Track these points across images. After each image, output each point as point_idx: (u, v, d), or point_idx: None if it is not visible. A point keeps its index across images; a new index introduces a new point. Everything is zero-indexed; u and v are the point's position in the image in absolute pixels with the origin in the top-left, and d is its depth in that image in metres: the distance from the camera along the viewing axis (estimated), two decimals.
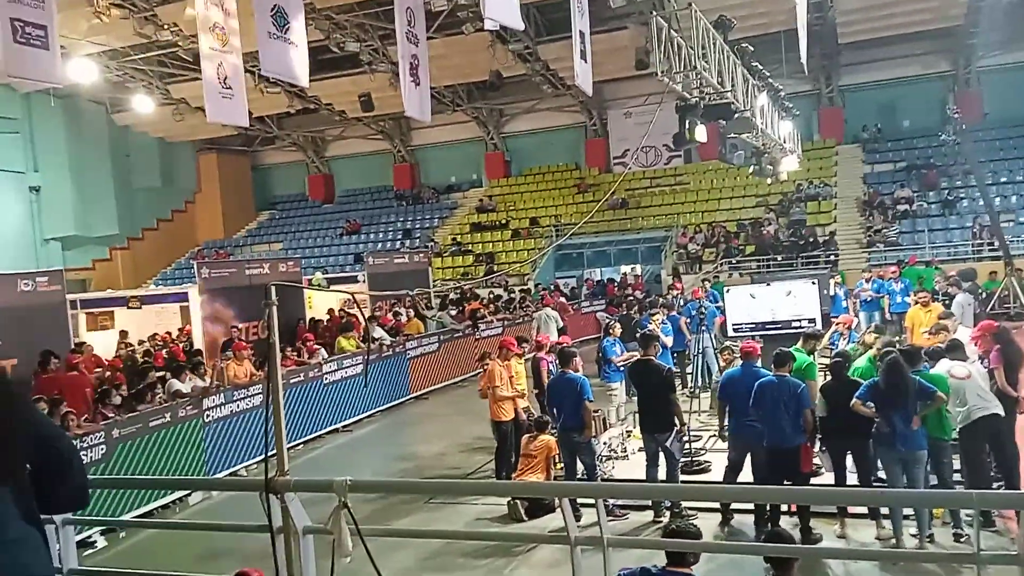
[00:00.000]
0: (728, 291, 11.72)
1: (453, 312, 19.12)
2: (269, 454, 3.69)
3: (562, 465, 8.76)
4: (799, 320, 10.52)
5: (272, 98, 26.51)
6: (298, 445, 12.46)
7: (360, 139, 36.58)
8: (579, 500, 6.93)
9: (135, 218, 34.61)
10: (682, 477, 8.49)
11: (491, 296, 22.77)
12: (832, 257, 23.91)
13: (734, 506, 7.78)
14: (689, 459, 9.06)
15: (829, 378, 7.68)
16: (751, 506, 7.63)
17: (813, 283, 11.07)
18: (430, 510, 8.91)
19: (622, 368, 10.68)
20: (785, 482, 7.22)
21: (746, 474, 7.76)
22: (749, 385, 7.61)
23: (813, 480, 7.67)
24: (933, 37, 27.60)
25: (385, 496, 9.02)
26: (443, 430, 12.81)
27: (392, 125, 35.69)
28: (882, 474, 7.31)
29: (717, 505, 7.85)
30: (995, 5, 24.18)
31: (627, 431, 10.16)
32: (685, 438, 8.88)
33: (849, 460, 7.44)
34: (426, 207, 35.87)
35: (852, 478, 7.42)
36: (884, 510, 7.07)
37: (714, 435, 9.74)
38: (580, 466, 8.51)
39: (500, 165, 35.80)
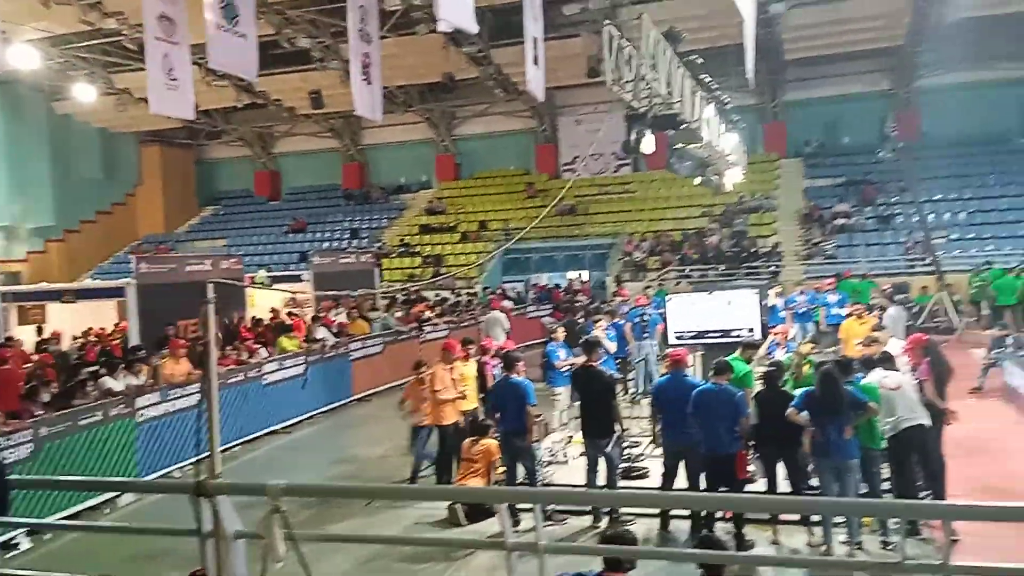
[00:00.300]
0: (670, 299, 11.85)
1: (399, 314, 18.99)
2: (201, 456, 3.62)
3: (503, 469, 8.76)
4: (739, 329, 10.71)
5: (219, 92, 26.00)
6: (236, 447, 12.23)
7: (309, 136, 36.13)
8: (519, 505, 6.95)
9: (73, 210, 33.54)
10: (621, 483, 8.58)
11: (437, 299, 22.68)
12: (773, 268, 24.42)
13: (671, 512, 7.88)
14: (628, 465, 9.15)
15: (763, 387, 7.84)
16: (688, 512, 7.74)
17: (754, 293, 11.28)
18: (369, 514, 8.82)
19: (566, 373, 10.74)
20: (721, 489, 7.36)
21: (683, 480, 7.87)
22: (678, 393, 7.74)
23: (747, 487, 7.84)
24: (875, 56, 28.51)
25: (324, 500, 8.91)
26: (385, 433, 12.68)
27: (342, 123, 35.34)
28: (814, 481, 7.49)
29: (655, 511, 7.95)
30: (936, 27, 25.06)
31: (569, 436, 10.22)
32: (625, 444, 8.98)
33: (782, 468, 7.61)
34: (375, 207, 35.58)
35: (785, 485, 7.59)
36: (815, 517, 7.25)
37: (653, 441, 9.85)
38: (521, 470, 8.52)
39: (450, 167, 35.73)
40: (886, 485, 7.58)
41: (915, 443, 7.36)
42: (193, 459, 10.82)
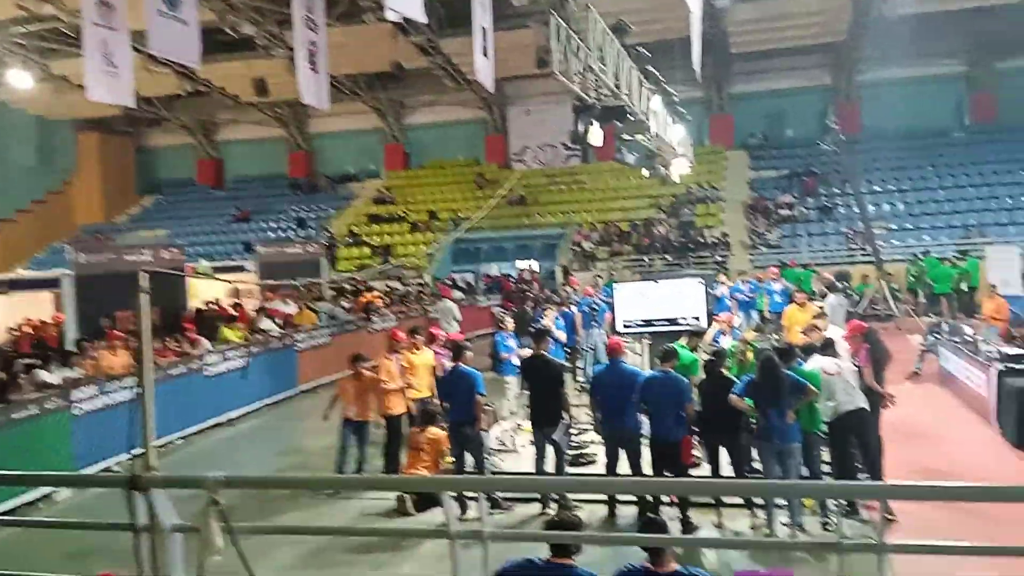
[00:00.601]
0: (618, 288, 11.94)
1: (346, 304, 18.80)
2: (136, 449, 3.52)
3: (452, 459, 8.75)
4: (685, 318, 10.84)
5: (161, 79, 25.37)
6: (178, 439, 11.98)
7: (254, 124, 35.48)
8: (468, 493, 6.94)
9: (6, 198, 32.43)
10: (569, 470, 8.65)
11: (387, 288, 22.53)
12: (719, 258, 24.81)
13: (618, 497, 7.97)
14: (576, 452, 9.22)
15: (706, 375, 7.97)
16: (634, 497, 7.83)
17: (700, 282, 11.43)
18: (316, 505, 8.73)
19: (515, 363, 10.76)
20: (667, 473, 7.47)
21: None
22: (616, 381, 7.83)
23: (692, 472, 7.96)
24: (817, 51, 29.13)
25: (270, 492, 8.78)
26: (332, 424, 12.53)
27: (288, 112, 34.80)
28: (756, 465, 7.64)
29: (604, 497, 8.04)
30: (876, 23, 25.70)
31: (518, 425, 10.25)
32: (573, 431, 9.04)
33: (725, 452, 7.74)
34: (322, 197, 35.12)
35: (728, 470, 7.73)
36: (758, 500, 7.40)
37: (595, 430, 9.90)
38: (470, 459, 8.52)
39: (399, 157, 35.46)
40: (826, 468, 7.78)
41: (854, 427, 7.56)
42: (132, 453, 10.56)
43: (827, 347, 8.12)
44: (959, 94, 30.01)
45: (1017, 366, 10.34)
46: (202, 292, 17.94)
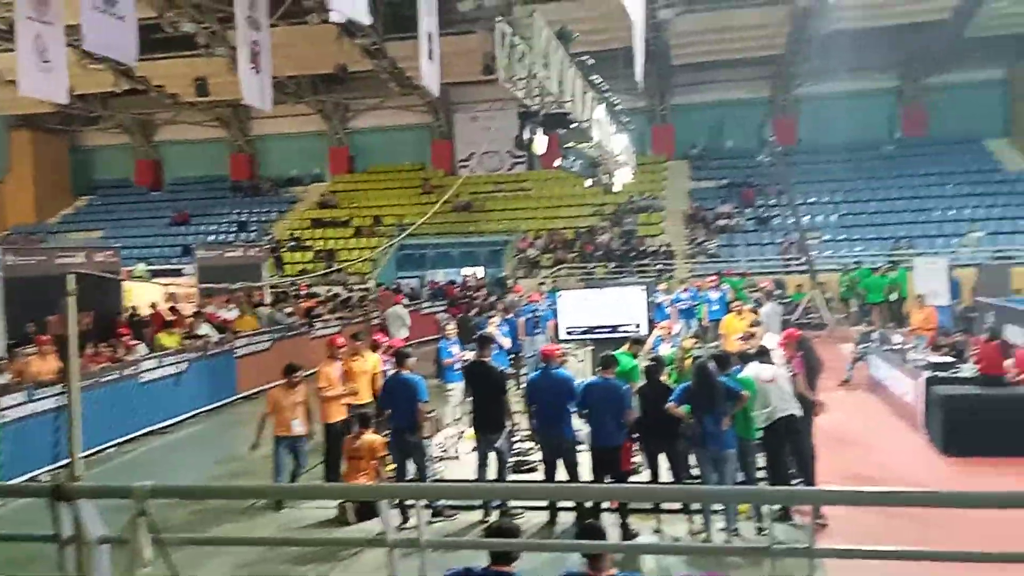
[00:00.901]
0: (561, 295, 12.04)
1: (288, 309, 18.52)
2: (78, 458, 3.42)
3: (393, 466, 8.69)
4: (626, 325, 10.98)
5: (96, 75, 24.69)
6: (111, 448, 11.65)
7: (194, 125, 34.76)
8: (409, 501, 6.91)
9: None
10: (512, 476, 8.66)
11: (329, 294, 22.27)
12: (660, 266, 25.18)
13: (560, 504, 8.02)
14: (519, 459, 9.25)
15: (645, 381, 8.07)
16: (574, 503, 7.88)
17: (641, 290, 11.60)
18: (254, 514, 8.57)
19: (458, 369, 10.76)
20: (607, 479, 7.54)
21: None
22: (550, 387, 7.90)
23: (632, 478, 8.06)
24: (757, 64, 29.86)
25: (209, 502, 8.60)
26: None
27: (229, 112, 34.18)
28: (695, 471, 7.77)
29: (544, 503, 8.07)
30: (813, 38, 26.47)
31: (461, 432, 10.24)
32: (515, 438, 9.07)
33: (664, 458, 7.86)
34: (264, 200, 34.57)
35: (667, 475, 7.84)
36: (696, 505, 7.52)
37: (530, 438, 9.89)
38: (413, 467, 8.47)
39: (344, 160, 35.13)
40: (762, 474, 7.95)
41: (788, 433, 7.75)
42: (62, 462, 10.24)
43: (762, 354, 8.31)
44: (891, 108, 31.07)
45: (943, 374, 10.74)
46: (139, 296, 17.47)
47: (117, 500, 3.61)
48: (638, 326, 11.02)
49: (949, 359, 11.41)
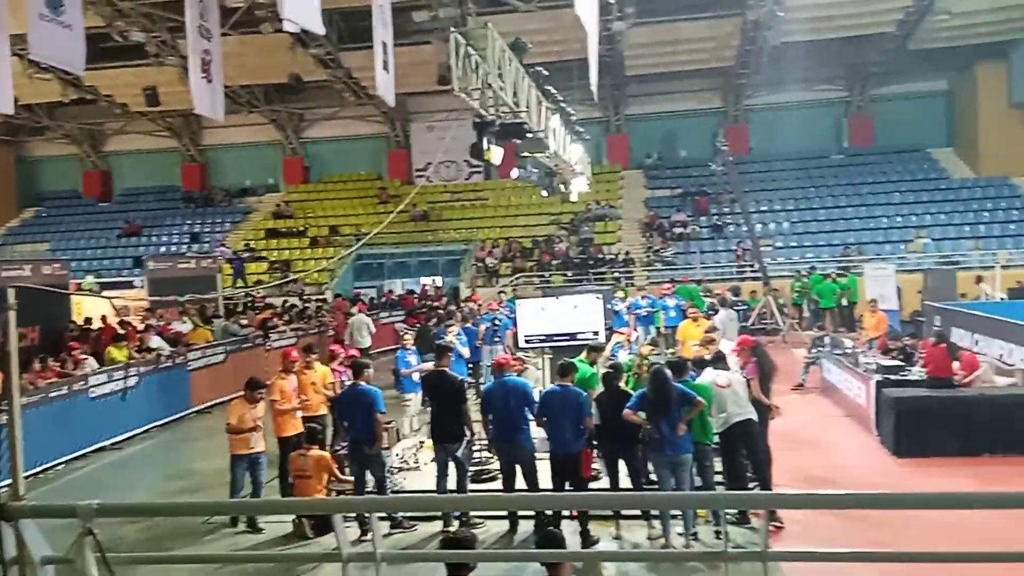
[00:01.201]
0: (520, 304, 12.06)
1: (243, 321, 18.24)
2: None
3: (351, 478, 8.59)
4: (584, 332, 11.03)
5: (43, 85, 24.10)
6: (59, 465, 11.34)
7: (144, 135, 34.10)
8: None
9: None
10: (472, 486, 8.62)
11: (286, 305, 22.00)
12: (617, 274, 25.39)
13: (520, 513, 8.00)
14: (479, 468, 9.22)
15: (603, 388, 8.11)
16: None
17: (598, 298, 11.66)
18: (210, 531, 8.40)
19: (417, 379, 10.70)
20: (567, 487, 7.55)
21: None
22: (505, 395, 7.91)
23: (592, 485, 8.08)
24: (708, 76, 30.36)
25: (161, 519, 8.42)
26: (226, 446, 12.13)
27: (181, 122, 33.66)
28: (654, 477, 7.82)
29: (504, 513, 8.05)
30: (762, 50, 27.02)
31: (420, 442, 10.17)
32: (475, 447, 9.04)
33: (623, 465, 7.90)
34: (217, 210, 34.06)
35: (627, 482, 7.88)
36: (655, 511, 7.57)
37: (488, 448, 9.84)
38: (372, 479, 8.38)
39: (299, 170, 34.81)
40: (719, 478, 8.03)
41: (743, 437, 7.84)
42: (6, 482, 9.93)
43: (718, 360, 8.41)
44: (839, 118, 31.82)
45: (893, 377, 10.99)
46: (89, 310, 17.06)
47: (65, 519, 3.52)
48: (596, 333, 11.06)
49: (898, 362, 11.69)
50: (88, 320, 15.90)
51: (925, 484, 8.80)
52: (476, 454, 9.27)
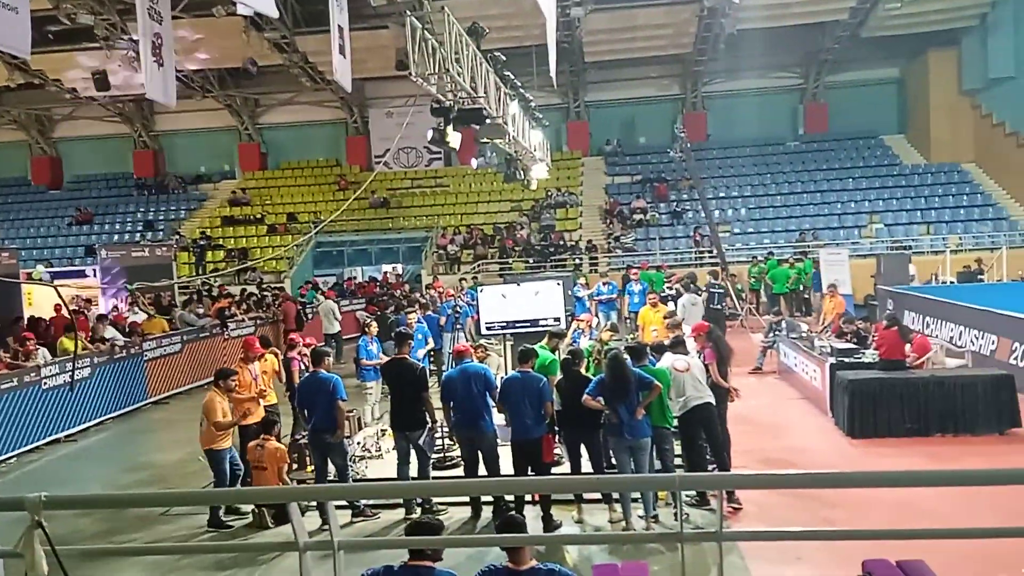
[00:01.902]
0: (481, 291, 12.06)
1: (200, 310, 17.96)
2: None
3: (312, 468, 8.54)
4: (545, 319, 11.07)
5: None
6: (11, 458, 11.10)
7: (94, 120, 33.28)
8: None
9: None
10: (434, 473, 8.63)
11: (243, 294, 21.70)
12: (578, 261, 25.51)
13: (482, 498, 8.04)
14: (440, 455, 9.23)
15: (562, 374, 8.16)
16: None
17: (559, 284, 11.71)
18: (167, 522, 8.30)
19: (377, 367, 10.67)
20: (529, 472, 7.60)
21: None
22: (466, 381, 7.94)
23: (554, 470, 8.14)
24: (666, 62, 30.55)
25: (118, 511, 8.29)
26: (184, 437, 11.93)
27: (132, 107, 32.92)
28: (615, 461, 7.90)
29: (466, 499, 8.08)
30: (719, 37, 27.24)
31: (382, 430, 10.15)
32: (437, 435, 9.04)
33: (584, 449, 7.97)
34: (171, 197, 33.41)
35: (589, 466, 7.95)
36: (616, 494, 7.66)
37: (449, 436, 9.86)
38: (332, 467, 8.34)
39: (255, 157, 34.28)
40: (678, 461, 8.14)
41: (702, 420, 7.95)
42: None
43: (677, 345, 8.50)
44: (794, 105, 32.25)
45: (847, 360, 11.22)
46: (40, 300, 16.66)
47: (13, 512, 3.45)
48: (557, 320, 11.12)
49: (852, 345, 11.93)
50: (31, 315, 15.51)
51: (878, 464, 9.02)
52: (438, 441, 9.28)
